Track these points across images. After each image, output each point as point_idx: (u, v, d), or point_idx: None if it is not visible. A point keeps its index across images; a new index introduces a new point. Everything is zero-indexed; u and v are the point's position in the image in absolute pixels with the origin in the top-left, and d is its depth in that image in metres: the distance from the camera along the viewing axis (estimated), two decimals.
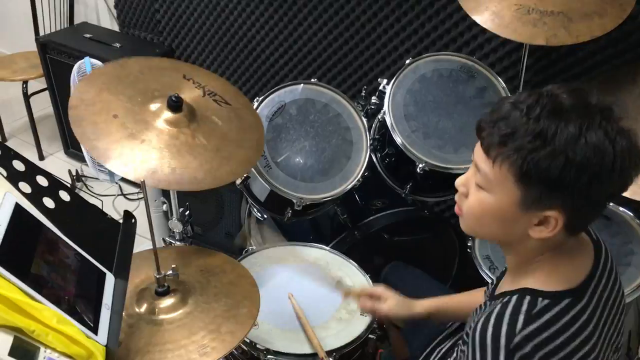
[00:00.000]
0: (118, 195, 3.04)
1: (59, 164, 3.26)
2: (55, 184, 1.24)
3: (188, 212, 1.64)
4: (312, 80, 1.79)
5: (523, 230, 0.97)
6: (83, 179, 3.10)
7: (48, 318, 0.97)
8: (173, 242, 1.63)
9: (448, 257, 2.09)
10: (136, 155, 1.29)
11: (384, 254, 1.99)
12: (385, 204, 1.96)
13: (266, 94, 1.73)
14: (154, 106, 1.38)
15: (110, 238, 1.28)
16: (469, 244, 1.79)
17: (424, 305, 1.43)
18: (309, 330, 1.43)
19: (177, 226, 1.61)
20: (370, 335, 1.50)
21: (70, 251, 1.15)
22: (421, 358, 1.37)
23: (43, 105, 3.36)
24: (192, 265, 1.38)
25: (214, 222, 2.64)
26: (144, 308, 1.26)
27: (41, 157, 3.33)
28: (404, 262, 1.97)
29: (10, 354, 0.90)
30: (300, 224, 2.07)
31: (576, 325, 0.95)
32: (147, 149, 1.31)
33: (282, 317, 1.50)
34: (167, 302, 1.25)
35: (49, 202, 1.19)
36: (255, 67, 2.77)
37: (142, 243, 2.66)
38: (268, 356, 1.40)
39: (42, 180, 1.22)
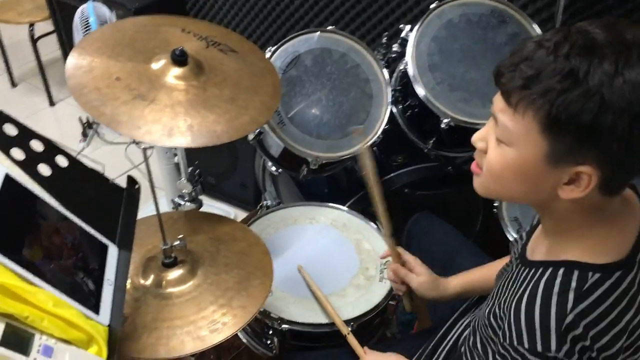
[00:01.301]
0: (130, 143, 2.95)
1: (69, 110, 3.17)
2: (52, 148, 1.15)
3: (198, 170, 1.55)
4: (329, 27, 1.65)
5: (551, 189, 0.86)
6: (94, 126, 3.02)
7: (43, 301, 0.90)
8: (182, 203, 1.55)
9: (471, 213, 1.99)
10: (148, 116, 1.19)
11: (403, 211, 1.90)
12: (406, 160, 1.85)
13: (279, 44, 1.61)
14: (157, 64, 1.28)
15: (113, 205, 1.20)
16: (495, 204, 1.69)
17: (453, 289, 1.34)
18: (325, 305, 1.36)
19: (186, 186, 1.53)
20: (390, 302, 1.43)
21: (69, 224, 1.07)
22: (443, 329, 1.29)
23: (52, 48, 3.25)
24: (200, 233, 1.30)
25: (228, 173, 2.56)
26: (150, 280, 1.19)
27: (52, 103, 3.25)
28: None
29: (2, 343, 0.83)
30: (317, 180, 1.98)
31: (627, 298, 0.86)
32: (158, 108, 1.21)
33: (297, 284, 1.43)
34: (175, 273, 1.19)
35: (44, 169, 1.11)
36: (262, 17, 2.59)
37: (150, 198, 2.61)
38: (282, 325, 1.34)
39: (37, 145, 1.12)
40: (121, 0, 2.55)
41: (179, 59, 1.27)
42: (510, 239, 1.60)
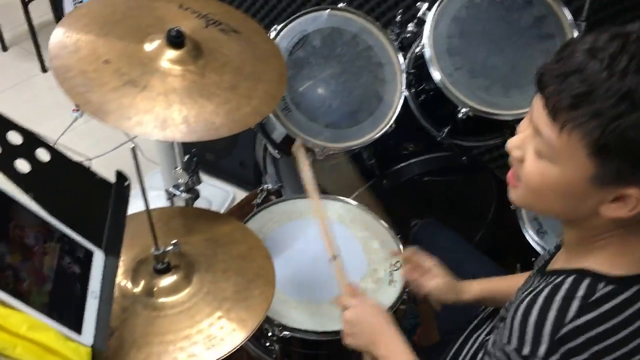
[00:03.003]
0: None
1: None
2: (32, 140, 1.03)
3: (195, 158, 1.43)
4: (340, 5, 1.51)
5: (593, 207, 0.78)
6: None
7: (16, 325, 0.79)
8: (177, 193, 1.44)
9: (483, 205, 1.89)
10: (139, 105, 1.07)
11: (411, 200, 1.79)
12: (418, 148, 1.74)
13: (285, 22, 1.47)
14: (150, 45, 1.15)
15: (100, 204, 1.08)
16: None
17: (473, 293, 1.25)
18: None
19: (182, 176, 1.41)
20: (400, 306, 1.33)
21: (50, 230, 0.96)
22: (456, 347, 1.20)
23: (44, 11, 3.09)
24: (196, 233, 1.19)
25: (227, 150, 2.44)
26: (140, 287, 1.08)
27: (44, 69, 3.11)
28: (435, 209, 1.78)
29: None
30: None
31: None
32: (150, 95, 1.09)
33: (300, 287, 1.33)
34: (168, 280, 1.08)
35: (23, 165, 0.99)
36: None
37: (150, 170, 2.47)
38: (284, 332, 1.24)
39: (14, 137, 1.01)
40: None
41: (175, 40, 1.15)
42: (530, 241, 1.49)
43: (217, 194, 2.48)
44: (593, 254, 0.83)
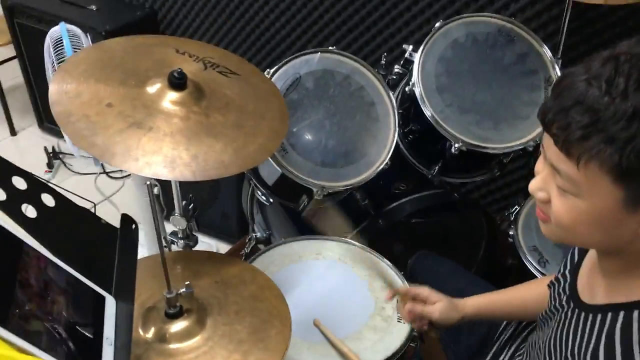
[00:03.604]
0: (100, 173, 2.77)
1: (33, 140, 2.98)
2: (36, 185, 1.00)
3: (192, 205, 1.41)
4: (330, 48, 1.54)
5: (633, 231, 0.76)
6: (61, 156, 2.83)
7: None
8: (175, 240, 1.40)
9: (474, 241, 1.90)
10: (146, 147, 1.05)
11: (404, 238, 1.79)
12: (409, 187, 1.75)
13: (279, 65, 1.49)
14: (152, 88, 1.14)
15: (107, 249, 1.05)
16: (510, 233, 1.60)
17: (473, 305, 1.25)
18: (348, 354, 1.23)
19: (180, 223, 1.38)
20: (411, 344, 1.30)
21: (60, 274, 0.92)
22: None
23: (13, 74, 3.06)
24: (203, 276, 1.16)
25: (209, 201, 2.41)
26: (151, 333, 1.03)
27: (13, 132, 3.04)
28: (427, 247, 1.77)
29: None
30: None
31: None
32: (157, 137, 1.07)
33: (309, 328, 1.29)
34: (180, 325, 1.03)
35: (29, 211, 0.96)
36: (258, 34, 2.45)
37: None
38: None
39: (19, 183, 0.97)
40: (90, 24, 2.41)
41: (178, 81, 1.14)
42: (531, 268, 1.50)
43: (199, 247, 2.42)
44: None
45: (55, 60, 1.81)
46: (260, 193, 1.92)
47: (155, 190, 1.86)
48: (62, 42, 1.79)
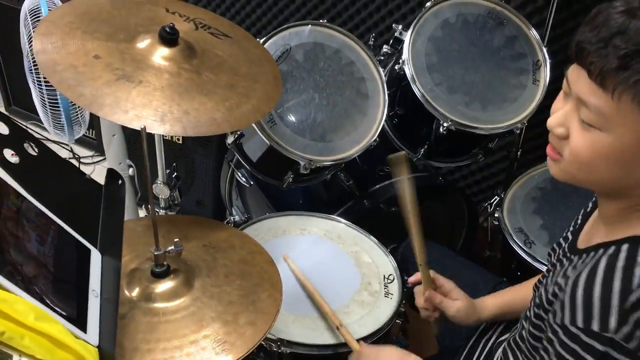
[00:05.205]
0: (70, 158, 2.69)
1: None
2: (19, 133, 0.95)
3: (175, 173, 1.36)
4: (321, 21, 1.52)
5: None
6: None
7: (23, 314, 0.70)
8: (157, 210, 1.35)
9: (455, 228, 1.89)
10: (136, 100, 1.01)
11: (386, 223, 1.76)
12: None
13: (269, 35, 1.45)
14: (142, 43, 1.10)
15: (91, 205, 1.00)
16: (496, 215, 1.59)
17: (491, 309, 1.22)
18: (313, 293, 1.24)
19: (163, 191, 1.33)
20: (397, 320, 1.28)
21: (44, 220, 0.87)
22: (464, 354, 1.16)
23: None
24: (192, 239, 1.11)
25: (184, 188, 2.34)
26: (135, 292, 0.98)
27: None
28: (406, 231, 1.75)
29: None
30: (293, 191, 1.81)
31: None
32: (147, 90, 1.03)
33: (295, 301, 1.26)
34: (167, 285, 0.99)
35: (11, 156, 0.90)
36: (254, 5, 2.39)
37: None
38: (282, 348, 1.16)
39: (1, 128, 0.92)
40: None
41: (169, 37, 1.11)
42: (519, 251, 1.49)
43: None
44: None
45: (33, 32, 1.74)
46: (240, 174, 1.88)
47: (130, 171, 1.82)
48: (39, 11, 1.72)
